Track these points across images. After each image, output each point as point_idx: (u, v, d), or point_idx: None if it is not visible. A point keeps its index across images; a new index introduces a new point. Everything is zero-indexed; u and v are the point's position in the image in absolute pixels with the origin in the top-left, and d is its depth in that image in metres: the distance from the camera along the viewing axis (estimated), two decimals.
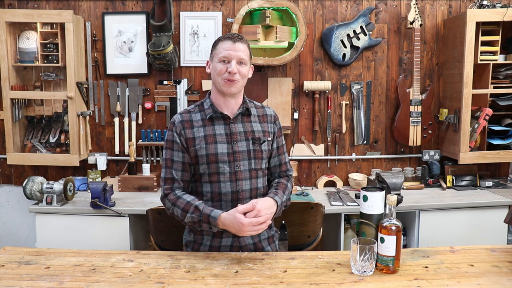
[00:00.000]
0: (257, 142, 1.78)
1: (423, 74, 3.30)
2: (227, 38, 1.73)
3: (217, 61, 1.73)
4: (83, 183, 3.16)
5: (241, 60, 1.71)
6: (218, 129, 1.75)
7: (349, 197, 2.96)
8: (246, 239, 1.78)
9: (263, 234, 1.83)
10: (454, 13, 3.26)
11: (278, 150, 1.87)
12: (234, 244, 1.77)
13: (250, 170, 1.76)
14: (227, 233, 1.71)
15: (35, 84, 3.17)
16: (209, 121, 1.76)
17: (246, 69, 1.75)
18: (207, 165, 1.74)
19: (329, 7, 3.23)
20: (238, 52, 1.70)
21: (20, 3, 3.17)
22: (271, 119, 1.86)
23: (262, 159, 1.79)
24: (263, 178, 1.83)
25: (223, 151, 1.73)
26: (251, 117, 1.81)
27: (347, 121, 3.32)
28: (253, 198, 1.76)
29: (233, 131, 1.76)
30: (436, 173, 3.26)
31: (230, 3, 3.19)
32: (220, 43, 1.73)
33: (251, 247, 1.79)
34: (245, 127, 1.78)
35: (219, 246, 1.77)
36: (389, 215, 1.50)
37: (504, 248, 1.71)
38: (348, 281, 1.43)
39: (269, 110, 1.88)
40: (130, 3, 3.19)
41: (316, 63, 3.26)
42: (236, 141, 1.75)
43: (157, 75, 3.25)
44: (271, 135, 1.84)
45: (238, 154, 1.75)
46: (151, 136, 3.20)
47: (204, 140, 1.74)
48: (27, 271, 1.51)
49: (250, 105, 1.84)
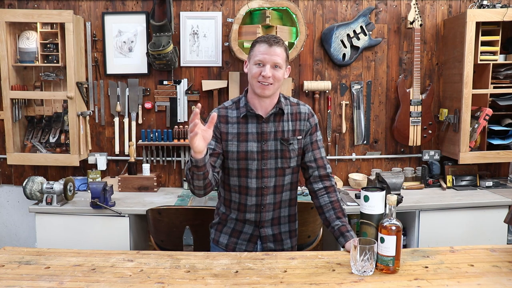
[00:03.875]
0: (285, 143, 1.81)
1: (423, 74, 3.30)
2: (264, 40, 1.74)
3: (253, 64, 1.75)
4: (83, 183, 3.16)
5: (276, 64, 1.73)
6: (251, 127, 1.81)
7: (349, 197, 2.96)
8: (266, 229, 1.87)
9: (284, 226, 1.91)
10: (454, 13, 3.26)
11: (312, 145, 1.87)
12: (254, 233, 1.87)
13: (276, 168, 1.83)
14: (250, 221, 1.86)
15: (35, 84, 3.17)
16: (243, 119, 1.81)
17: (282, 72, 1.76)
18: (237, 161, 1.81)
19: (329, 7, 3.23)
20: (274, 56, 1.72)
21: (20, 3, 3.17)
22: (305, 117, 1.86)
23: (290, 158, 1.83)
24: (291, 175, 1.87)
25: (253, 149, 1.80)
26: (283, 116, 1.83)
27: (347, 121, 3.32)
28: (277, 194, 1.85)
29: (264, 131, 1.80)
30: (436, 173, 3.26)
31: (230, 3, 3.19)
32: (257, 45, 1.75)
33: (270, 238, 1.88)
34: (276, 127, 1.82)
35: (240, 231, 1.88)
36: (389, 215, 1.50)
37: (504, 248, 1.71)
38: (348, 281, 1.43)
39: (303, 108, 1.88)
40: (130, 3, 3.19)
41: (316, 63, 3.26)
42: (266, 140, 1.80)
43: (157, 75, 3.25)
44: (303, 133, 1.85)
45: (266, 153, 1.81)
46: (151, 136, 3.20)
47: (237, 137, 1.80)
48: (27, 271, 1.51)
49: (286, 102, 1.85)
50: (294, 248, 1.96)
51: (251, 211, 1.85)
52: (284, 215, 1.91)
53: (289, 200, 1.92)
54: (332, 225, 1.77)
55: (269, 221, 1.88)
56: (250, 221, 1.86)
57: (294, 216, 1.95)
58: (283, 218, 1.91)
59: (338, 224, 1.76)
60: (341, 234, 1.73)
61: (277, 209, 1.88)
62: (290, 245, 1.94)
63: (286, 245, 1.92)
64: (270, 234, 1.89)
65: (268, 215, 1.87)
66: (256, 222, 1.87)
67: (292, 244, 1.95)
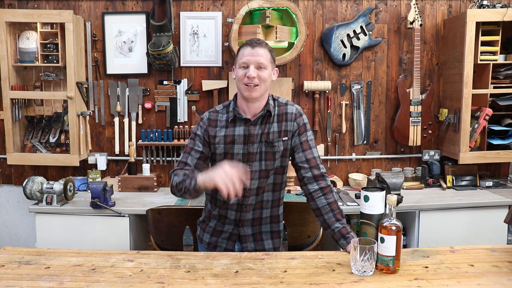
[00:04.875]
0: (269, 145, 1.81)
1: (423, 74, 3.30)
2: (247, 44, 1.77)
3: (238, 67, 1.78)
4: (83, 183, 3.16)
5: (260, 64, 1.74)
6: (238, 130, 1.81)
7: (349, 197, 2.96)
8: (246, 229, 1.88)
9: (265, 227, 1.91)
10: (454, 13, 3.26)
11: (302, 146, 1.84)
12: (233, 231, 1.89)
13: (260, 171, 1.83)
14: (230, 219, 1.87)
15: (35, 84, 3.17)
16: (232, 122, 1.82)
17: (267, 73, 1.76)
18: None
19: (329, 7, 3.23)
20: (257, 57, 1.73)
21: (20, 3, 3.17)
22: (292, 117, 1.84)
23: (274, 160, 1.83)
24: (274, 176, 1.87)
25: (239, 152, 1.81)
26: (270, 118, 1.83)
27: (347, 121, 3.32)
28: (258, 195, 1.86)
29: (251, 133, 1.80)
30: (436, 173, 3.25)
31: (230, 3, 3.19)
32: (241, 49, 1.78)
33: (250, 238, 1.89)
34: (263, 129, 1.82)
35: (221, 231, 1.90)
36: (389, 215, 1.50)
37: (504, 248, 1.71)
38: (348, 281, 1.43)
39: (291, 108, 1.86)
40: (130, 3, 3.19)
41: (316, 63, 3.26)
42: (252, 143, 1.81)
43: (157, 75, 3.25)
44: (289, 133, 1.84)
45: (251, 155, 1.81)
46: (151, 136, 3.20)
47: (223, 140, 1.82)
48: (27, 271, 1.51)
49: (274, 104, 1.85)
50: (277, 249, 1.94)
51: (232, 209, 1.86)
52: (266, 215, 1.90)
53: (272, 201, 1.90)
54: (332, 227, 1.75)
55: (249, 221, 1.88)
56: (230, 219, 1.88)
57: (277, 217, 1.94)
58: (264, 219, 1.90)
59: (339, 227, 1.74)
60: (342, 236, 1.72)
61: (258, 209, 1.88)
62: (273, 246, 1.92)
63: (267, 246, 1.91)
64: (249, 233, 1.89)
65: (248, 215, 1.87)
66: (236, 221, 1.88)
67: (275, 245, 1.93)
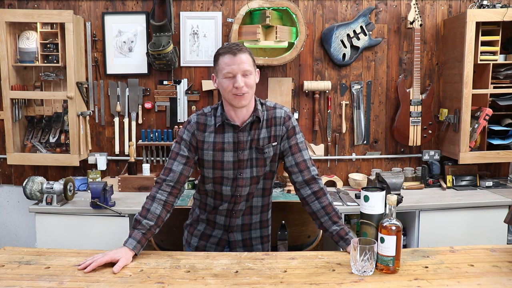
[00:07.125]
0: (260, 151, 1.78)
1: (423, 74, 3.30)
2: (226, 52, 1.68)
3: (222, 78, 1.69)
4: (83, 183, 3.16)
5: (245, 72, 1.68)
6: (227, 137, 1.76)
7: (349, 197, 2.96)
8: (235, 234, 1.89)
9: (255, 232, 1.91)
10: (454, 13, 3.26)
11: (291, 149, 1.81)
12: (222, 237, 1.89)
13: (251, 177, 1.81)
14: (219, 224, 1.87)
15: (35, 84, 3.17)
16: (220, 128, 1.77)
17: (252, 78, 1.72)
18: (213, 170, 1.79)
19: (329, 7, 3.23)
20: (241, 65, 1.66)
21: (20, 3, 3.17)
22: (280, 121, 1.80)
23: (264, 166, 1.81)
24: (263, 181, 1.86)
25: (229, 159, 1.77)
26: (259, 124, 1.79)
27: (347, 121, 3.32)
28: (249, 201, 1.86)
29: (241, 140, 1.76)
30: (436, 173, 3.25)
31: (230, 3, 3.19)
32: (221, 58, 1.69)
33: (239, 244, 1.89)
34: (252, 136, 1.78)
35: (210, 235, 1.90)
36: (389, 215, 1.50)
37: (504, 248, 1.71)
38: (348, 281, 1.43)
39: (279, 112, 1.81)
40: (130, 3, 3.19)
41: (316, 63, 3.26)
42: (242, 149, 1.77)
43: (157, 75, 3.25)
44: (278, 138, 1.80)
45: (242, 162, 1.78)
46: (151, 136, 3.20)
47: (213, 146, 1.76)
48: (27, 271, 1.51)
49: (262, 109, 1.80)
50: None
51: (222, 214, 1.85)
52: (256, 221, 1.90)
53: (261, 206, 1.89)
54: (330, 230, 1.74)
55: (239, 226, 1.87)
56: (220, 224, 1.86)
57: (267, 222, 1.93)
58: (254, 224, 1.90)
59: (336, 229, 1.73)
60: (341, 238, 1.72)
61: (248, 214, 1.87)
62: (262, 251, 1.92)
63: (257, 251, 1.90)
64: (239, 239, 1.88)
65: (238, 221, 1.86)
66: (225, 227, 1.87)
67: (264, 250, 1.93)
